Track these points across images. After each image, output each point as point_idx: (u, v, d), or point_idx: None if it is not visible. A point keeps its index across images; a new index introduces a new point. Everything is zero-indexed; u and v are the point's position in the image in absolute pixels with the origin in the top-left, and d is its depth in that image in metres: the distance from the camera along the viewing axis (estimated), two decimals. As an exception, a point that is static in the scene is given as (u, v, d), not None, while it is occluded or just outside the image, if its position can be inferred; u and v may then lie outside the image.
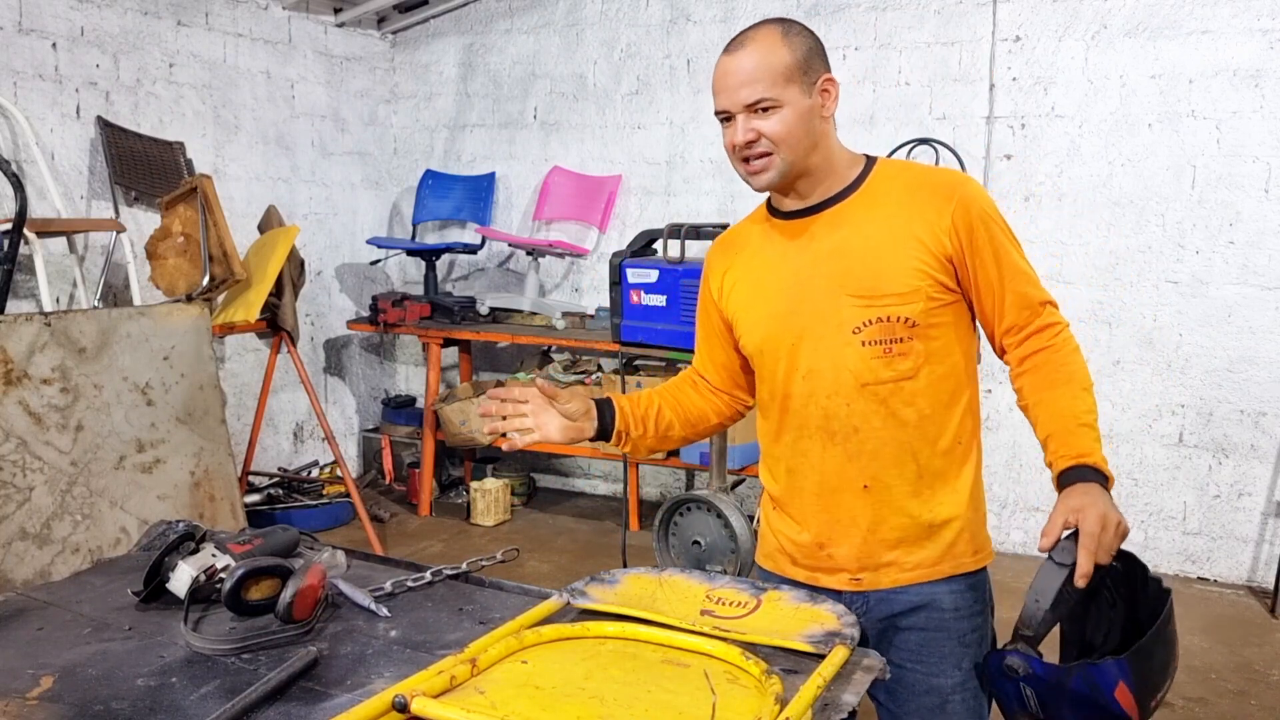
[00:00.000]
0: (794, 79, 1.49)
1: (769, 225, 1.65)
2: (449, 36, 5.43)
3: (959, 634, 1.57)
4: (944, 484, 1.56)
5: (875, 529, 1.56)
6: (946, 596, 1.57)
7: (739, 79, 1.49)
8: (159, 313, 3.35)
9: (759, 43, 1.50)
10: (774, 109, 1.48)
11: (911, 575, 1.56)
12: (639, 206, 5.08)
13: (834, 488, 1.57)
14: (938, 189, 1.53)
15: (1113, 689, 1.36)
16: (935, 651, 1.57)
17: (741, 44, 1.51)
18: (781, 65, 1.48)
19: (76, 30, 4.00)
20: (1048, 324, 1.54)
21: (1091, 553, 1.32)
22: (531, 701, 1.15)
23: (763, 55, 1.48)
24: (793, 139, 1.50)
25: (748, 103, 1.48)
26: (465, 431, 4.68)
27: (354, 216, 5.45)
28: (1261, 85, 3.92)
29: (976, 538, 1.59)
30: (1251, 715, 3.06)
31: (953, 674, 1.57)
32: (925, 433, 1.54)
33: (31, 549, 2.87)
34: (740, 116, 1.50)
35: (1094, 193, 4.20)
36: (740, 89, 1.49)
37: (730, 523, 3.85)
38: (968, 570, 1.58)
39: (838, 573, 1.59)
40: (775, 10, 4.66)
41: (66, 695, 1.22)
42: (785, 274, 1.59)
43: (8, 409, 2.89)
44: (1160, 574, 1.50)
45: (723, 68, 1.52)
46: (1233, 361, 4.06)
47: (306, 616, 1.38)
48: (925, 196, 1.53)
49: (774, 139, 1.49)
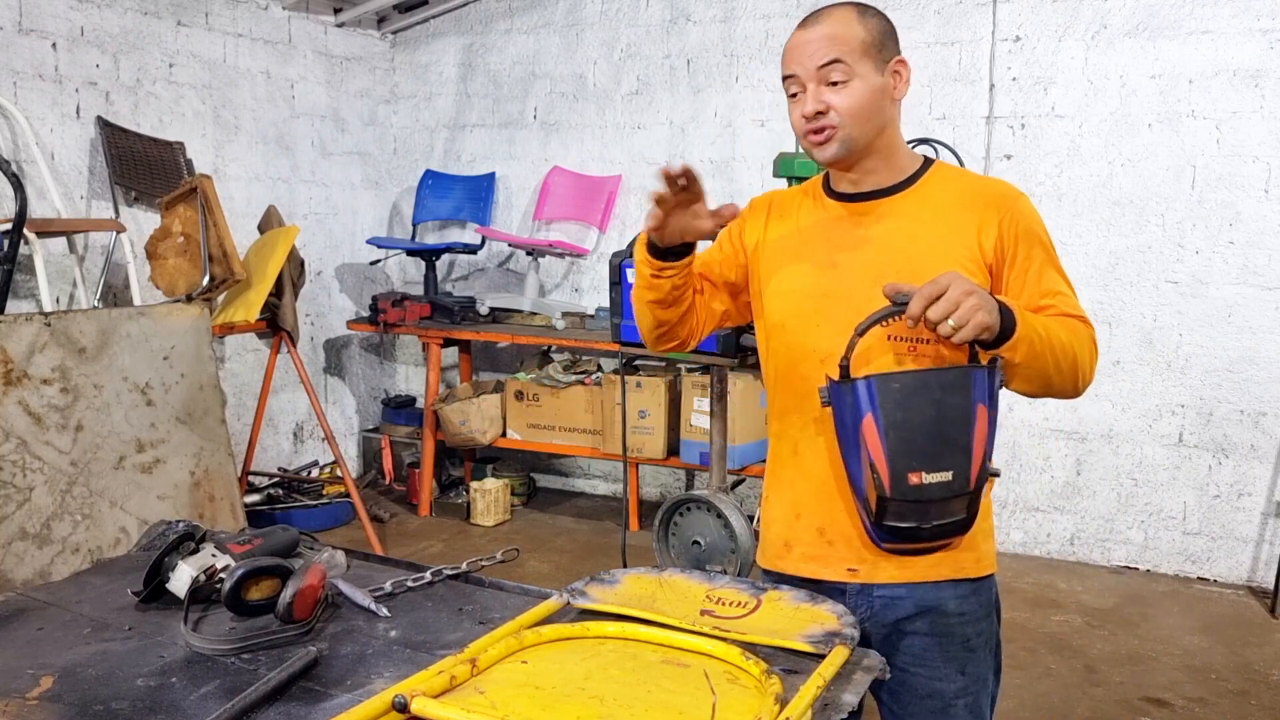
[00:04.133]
0: (869, 54, 1.49)
1: (820, 201, 1.63)
2: (449, 36, 5.43)
3: (963, 639, 1.57)
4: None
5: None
6: (951, 601, 1.56)
7: (813, 46, 1.49)
8: (159, 313, 3.35)
9: (835, 17, 1.51)
10: (844, 82, 1.48)
11: (908, 573, 1.55)
12: (639, 206, 5.08)
13: (834, 475, 1.56)
14: (991, 199, 1.53)
15: (861, 417, 1.38)
16: (939, 656, 1.56)
17: (817, 19, 1.51)
18: (856, 38, 1.49)
19: (76, 30, 4.00)
20: (1071, 313, 1.52)
21: (925, 298, 1.31)
22: (531, 701, 1.15)
23: (840, 27, 1.49)
24: (862, 115, 1.50)
25: (820, 63, 1.48)
26: (465, 431, 4.68)
27: (354, 216, 5.45)
28: (1261, 85, 3.92)
29: (979, 545, 1.57)
30: (1251, 715, 3.06)
31: (956, 679, 1.57)
32: None
33: (31, 549, 2.87)
34: (811, 87, 1.50)
35: (1094, 193, 4.21)
36: (814, 54, 1.49)
37: (730, 523, 3.85)
38: (968, 576, 1.56)
39: (835, 563, 1.58)
40: (775, 10, 4.67)
41: (66, 695, 1.22)
42: (824, 254, 1.58)
43: (8, 409, 2.89)
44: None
45: (796, 39, 1.52)
46: (1233, 361, 4.06)
47: (306, 616, 1.38)
48: (978, 204, 1.53)
49: (842, 112, 1.49)
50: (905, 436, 1.38)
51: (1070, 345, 1.46)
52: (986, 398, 1.39)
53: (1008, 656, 1.68)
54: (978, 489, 1.41)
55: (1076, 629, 3.66)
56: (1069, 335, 1.46)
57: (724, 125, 4.86)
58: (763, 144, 4.73)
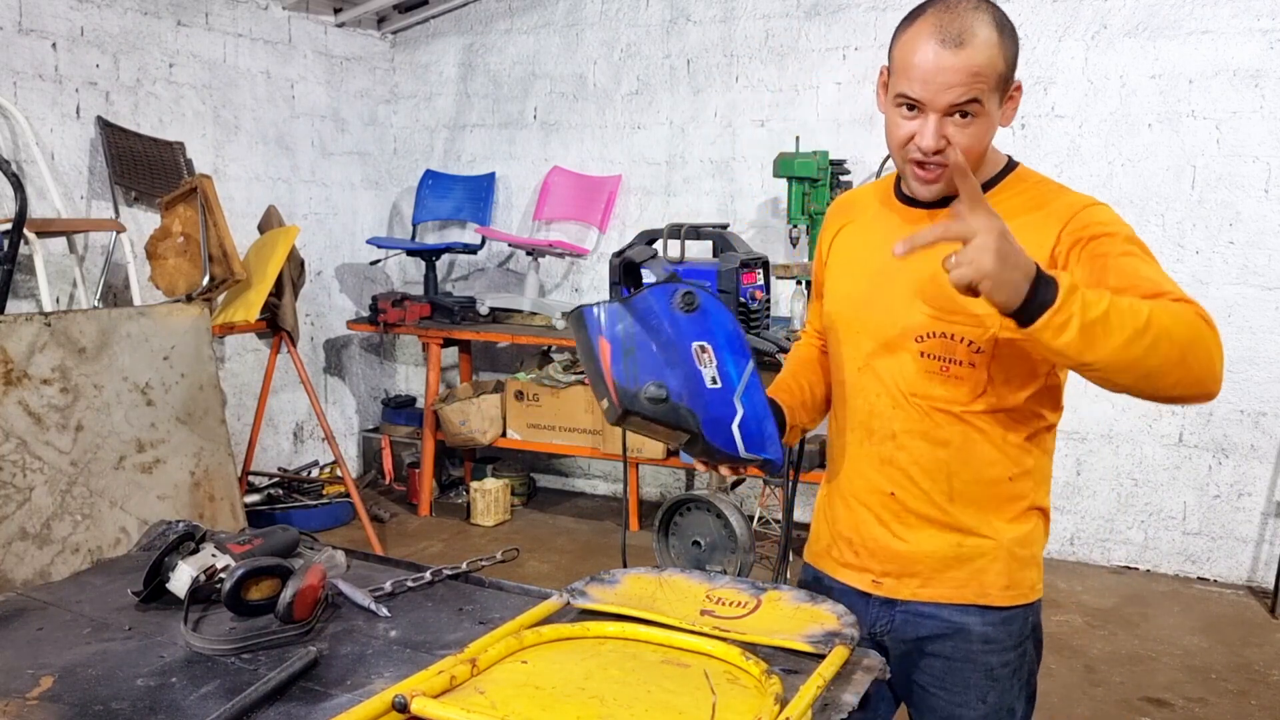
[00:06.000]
0: (999, 87, 1.35)
1: (887, 202, 1.54)
2: (449, 36, 5.43)
3: (986, 668, 1.51)
4: (981, 514, 1.48)
5: (899, 536, 1.51)
6: (977, 628, 1.50)
7: (953, 78, 1.31)
8: (159, 313, 3.35)
9: (979, 41, 1.31)
10: (972, 120, 1.34)
11: (932, 593, 1.51)
12: (639, 206, 5.08)
13: (865, 486, 1.54)
14: (1056, 209, 1.39)
15: (597, 336, 1.35)
16: (960, 681, 1.52)
17: (961, 40, 1.31)
18: (996, 72, 1.33)
19: (76, 30, 4.00)
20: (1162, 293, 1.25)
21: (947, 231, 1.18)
22: (531, 701, 1.15)
23: (984, 58, 1.31)
24: (978, 153, 1.39)
25: (958, 101, 1.32)
26: (465, 431, 4.68)
27: (354, 216, 5.45)
28: (1261, 85, 3.92)
29: (1014, 575, 1.49)
30: (1251, 715, 3.06)
31: (977, 706, 1.52)
32: (968, 460, 1.46)
33: (31, 549, 2.87)
34: (934, 117, 1.34)
35: (1094, 193, 4.11)
36: (951, 89, 1.32)
37: (730, 523, 3.85)
38: (996, 604, 1.49)
39: (863, 572, 1.56)
40: (775, 10, 4.66)
41: (66, 695, 1.22)
42: (877, 259, 1.48)
43: (8, 409, 2.89)
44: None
45: (936, 60, 1.31)
46: (1233, 361, 4.06)
47: (306, 616, 1.38)
48: (1042, 216, 1.39)
49: (963, 150, 1.34)
50: (585, 371, 1.39)
51: (1168, 327, 1.18)
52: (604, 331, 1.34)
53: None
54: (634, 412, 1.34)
55: (1076, 629, 3.66)
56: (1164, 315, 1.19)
57: (724, 125, 4.86)
58: (763, 144, 4.73)
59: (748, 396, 1.41)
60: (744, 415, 1.40)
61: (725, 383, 1.39)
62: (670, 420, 1.34)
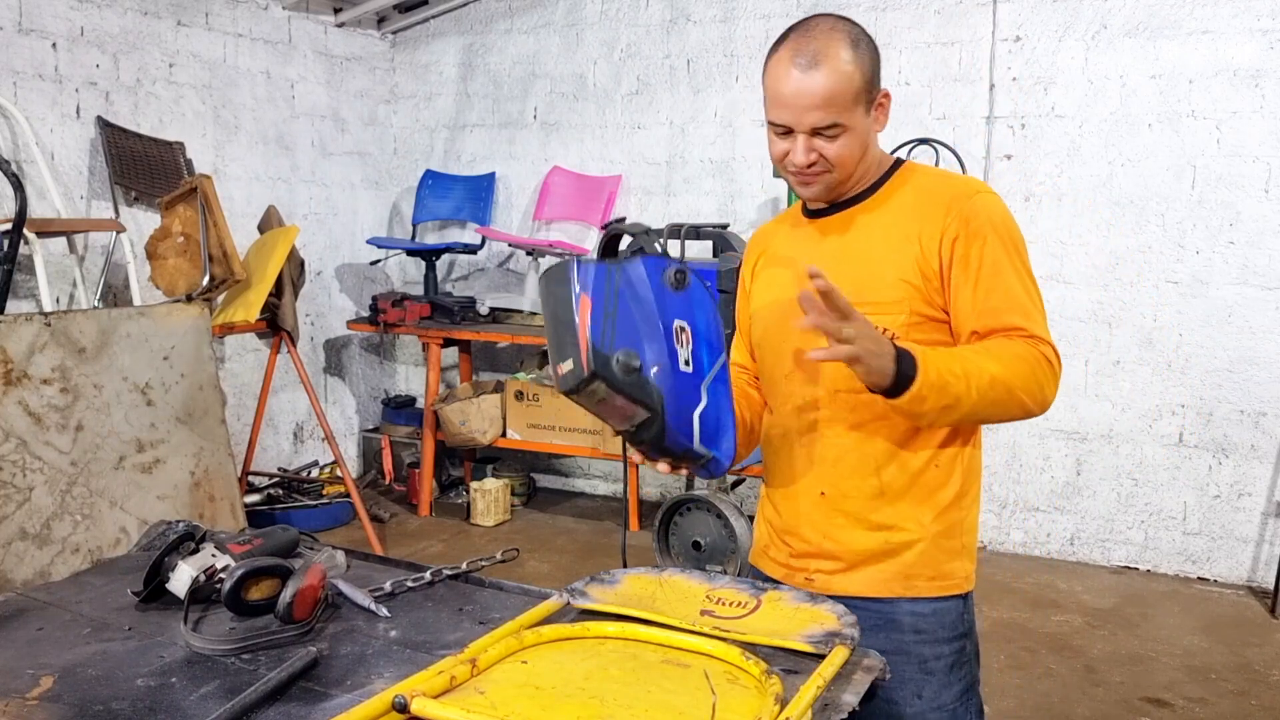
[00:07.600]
0: (860, 100, 1.44)
1: (796, 221, 1.65)
2: (449, 36, 5.43)
3: (919, 659, 1.52)
4: (908, 505, 1.52)
5: (829, 534, 1.55)
6: (906, 618, 1.52)
7: (809, 101, 1.42)
8: (159, 313, 3.35)
9: (832, 62, 1.41)
10: (840, 133, 1.44)
11: (860, 586, 1.53)
12: (639, 206, 5.08)
13: (798, 487, 1.58)
14: (943, 198, 1.48)
15: (580, 292, 1.28)
16: (896, 675, 1.48)
17: (814, 61, 1.42)
18: (853, 90, 1.43)
19: (76, 30, 4.00)
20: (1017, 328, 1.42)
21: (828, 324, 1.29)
22: (531, 701, 1.15)
23: (837, 80, 1.41)
24: (850, 160, 1.48)
25: (817, 126, 1.44)
26: (465, 431, 4.68)
27: (354, 216, 5.45)
28: (1261, 85, 3.92)
29: (941, 565, 1.53)
30: (1251, 715, 3.06)
31: (913, 702, 1.53)
32: (894, 450, 1.51)
33: (31, 549, 2.87)
34: (802, 137, 1.45)
35: (1094, 193, 4.21)
36: (810, 111, 1.43)
37: (730, 523, 3.85)
38: (924, 595, 1.52)
39: (798, 572, 1.60)
40: (775, 10, 4.66)
41: (66, 695, 1.22)
42: (792, 275, 1.57)
43: (8, 409, 2.89)
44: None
45: (792, 84, 1.43)
46: (1233, 361, 4.06)
47: (306, 617, 1.38)
48: (932, 204, 1.48)
49: (833, 160, 1.46)
50: (549, 332, 1.32)
51: (1004, 379, 1.37)
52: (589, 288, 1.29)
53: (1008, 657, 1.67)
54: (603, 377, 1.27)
55: (1076, 629, 3.66)
56: (1001, 367, 1.37)
57: (724, 125, 4.86)
58: (763, 144, 4.67)
59: (714, 388, 1.40)
60: (707, 405, 1.38)
61: (696, 368, 1.37)
62: (636, 394, 1.29)
